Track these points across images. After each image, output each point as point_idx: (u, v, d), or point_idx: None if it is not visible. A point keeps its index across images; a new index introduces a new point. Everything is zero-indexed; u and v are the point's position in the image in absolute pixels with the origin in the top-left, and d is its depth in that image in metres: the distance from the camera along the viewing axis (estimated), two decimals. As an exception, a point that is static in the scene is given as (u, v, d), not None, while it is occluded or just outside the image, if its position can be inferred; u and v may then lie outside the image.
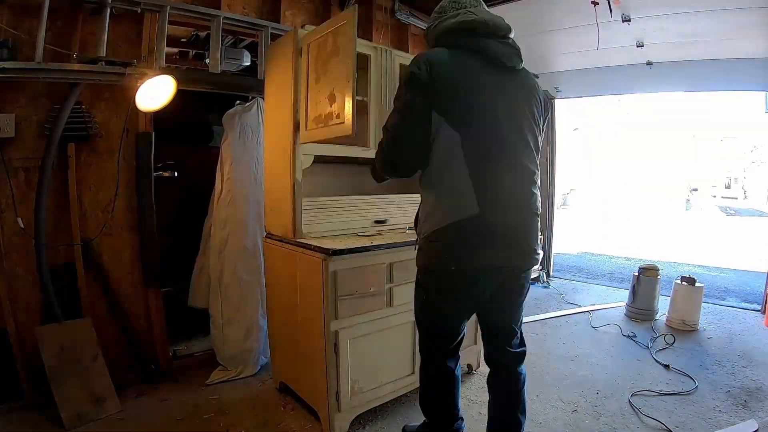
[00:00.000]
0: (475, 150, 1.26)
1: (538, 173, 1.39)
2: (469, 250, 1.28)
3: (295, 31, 1.94)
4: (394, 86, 2.27)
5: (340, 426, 1.85)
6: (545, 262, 4.88)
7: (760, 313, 3.76)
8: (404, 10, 3.22)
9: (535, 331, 3.30)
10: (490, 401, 1.58)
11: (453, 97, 1.27)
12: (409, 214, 2.49)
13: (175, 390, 2.23)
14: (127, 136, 2.20)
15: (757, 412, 2.12)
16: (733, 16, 2.76)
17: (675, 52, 3.48)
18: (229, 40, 2.71)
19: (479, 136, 1.27)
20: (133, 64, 2.07)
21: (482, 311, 1.52)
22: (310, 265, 1.84)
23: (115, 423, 1.94)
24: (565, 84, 4.54)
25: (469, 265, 1.30)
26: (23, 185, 1.98)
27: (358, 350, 1.87)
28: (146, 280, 2.31)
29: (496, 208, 1.28)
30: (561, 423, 2.02)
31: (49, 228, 2.02)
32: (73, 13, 2.03)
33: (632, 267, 4.94)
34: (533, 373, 2.56)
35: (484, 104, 1.29)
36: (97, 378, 2.01)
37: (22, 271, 1.99)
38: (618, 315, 3.68)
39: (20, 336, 1.96)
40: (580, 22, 3.04)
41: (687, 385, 2.38)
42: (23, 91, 1.95)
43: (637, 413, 2.09)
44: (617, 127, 23.16)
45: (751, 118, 22.33)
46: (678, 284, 3.45)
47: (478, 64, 1.31)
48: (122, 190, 2.22)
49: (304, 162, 1.97)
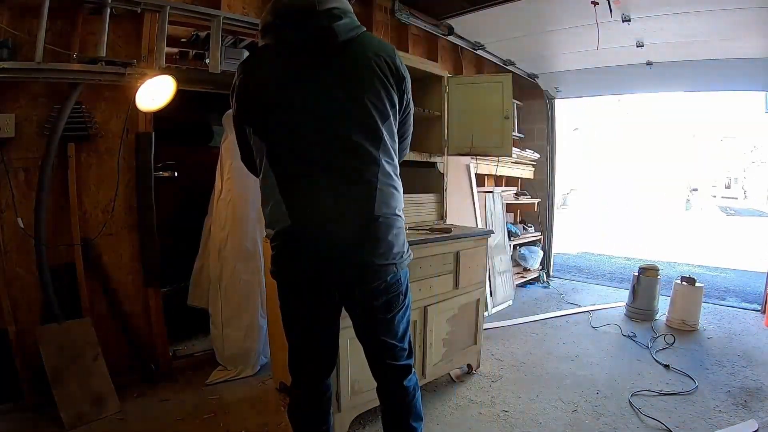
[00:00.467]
0: (278, 160, 1.16)
1: (383, 163, 1.19)
2: (286, 261, 1.21)
3: (295, 31, 1.93)
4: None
5: (340, 426, 1.85)
6: (545, 262, 4.88)
7: (760, 313, 3.76)
8: (404, 10, 3.21)
9: (535, 331, 3.30)
10: (381, 410, 1.45)
11: (253, 105, 1.18)
12: (409, 214, 2.49)
13: (175, 390, 2.23)
14: (127, 136, 2.20)
15: (757, 412, 2.12)
16: (733, 16, 2.75)
17: (675, 52, 3.47)
18: (229, 40, 2.71)
19: (280, 144, 1.16)
20: (133, 64, 2.07)
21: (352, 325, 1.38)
22: (310, 265, 1.84)
23: (115, 423, 1.94)
24: (565, 84, 4.54)
25: (285, 277, 1.25)
26: (23, 185, 1.98)
27: (358, 350, 1.86)
28: (146, 279, 2.31)
29: (307, 220, 1.16)
30: (561, 423, 2.02)
31: (49, 228, 2.02)
32: (73, 13, 2.03)
33: (632, 267, 4.94)
34: (533, 372, 2.56)
35: (283, 107, 1.15)
36: (97, 378, 2.01)
37: (22, 271, 1.99)
38: (618, 315, 3.68)
39: (20, 336, 1.96)
40: (580, 22, 3.03)
41: (687, 385, 2.38)
42: (23, 91, 1.95)
43: (637, 413, 2.09)
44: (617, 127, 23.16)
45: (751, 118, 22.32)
46: (678, 284, 3.45)
47: (280, 61, 1.16)
48: (122, 190, 2.22)
49: (304, 162, 1.96)
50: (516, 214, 5.06)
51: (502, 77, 2.64)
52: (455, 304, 2.31)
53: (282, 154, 1.17)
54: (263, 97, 1.17)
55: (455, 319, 2.32)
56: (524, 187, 4.99)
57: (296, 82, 1.15)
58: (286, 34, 1.13)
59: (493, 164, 4.00)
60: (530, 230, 4.80)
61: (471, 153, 2.75)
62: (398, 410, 1.37)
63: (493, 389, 2.35)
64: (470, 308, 2.42)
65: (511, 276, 4.11)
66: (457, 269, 2.28)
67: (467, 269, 2.33)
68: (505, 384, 2.42)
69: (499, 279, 3.87)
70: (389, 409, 1.40)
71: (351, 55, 1.16)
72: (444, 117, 2.65)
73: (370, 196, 1.17)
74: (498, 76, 2.69)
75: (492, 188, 4.25)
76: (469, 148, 2.67)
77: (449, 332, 2.29)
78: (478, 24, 3.32)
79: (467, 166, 3.77)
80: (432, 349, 2.19)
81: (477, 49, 3.77)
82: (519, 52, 3.94)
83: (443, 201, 2.68)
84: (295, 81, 1.15)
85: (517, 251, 4.55)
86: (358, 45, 1.17)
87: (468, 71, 4.19)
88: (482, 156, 3.38)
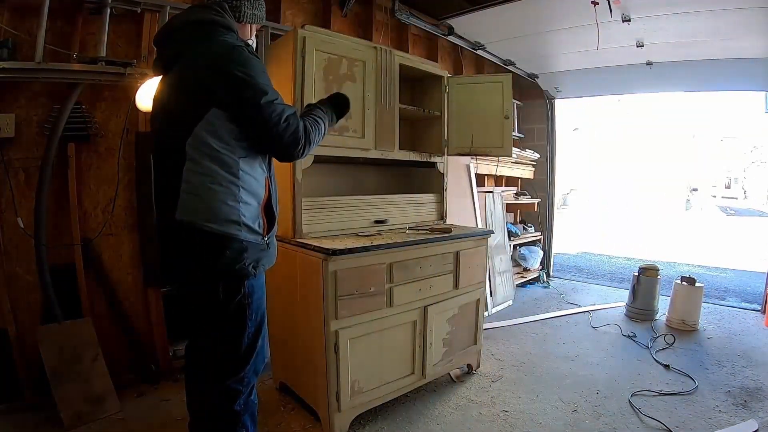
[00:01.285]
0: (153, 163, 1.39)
1: (192, 178, 1.22)
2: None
3: (295, 31, 1.94)
4: (394, 86, 2.28)
5: (340, 426, 1.85)
6: (545, 262, 4.88)
7: (760, 313, 3.76)
8: (404, 10, 3.22)
9: (535, 331, 3.30)
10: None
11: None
12: (409, 214, 2.50)
13: (175, 390, 2.22)
14: (127, 136, 2.20)
15: (757, 412, 2.12)
16: (733, 16, 2.75)
17: (675, 52, 3.47)
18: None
19: (153, 149, 1.38)
20: (133, 64, 2.07)
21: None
22: (310, 265, 1.84)
23: (115, 423, 1.93)
24: (565, 84, 4.54)
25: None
26: (23, 185, 1.98)
27: (358, 350, 1.87)
28: (146, 280, 2.31)
29: (157, 217, 1.37)
30: (561, 423, 2.02)
31: (49, 228, 2.02)
32: (73, 13, 2.03)
33: (632, 267, 4.94)
34: (533, 372, 2.56)
35: (153, 115, 1.38)
36: (97, 378, 2.01)
37: (22, 271, 1.99)
38: (618, 315, 3.68)
39: (20, 336, 1.96)
40: (580, 22, 3.04)
41: (687, 385, 2.38)
42: (23, 91, 1.95)
43: (637, 413, 2.09)
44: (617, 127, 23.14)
45: (751, 118, 22.33)
46: (678, 284, 3.45)
47: (163, 74, 1.36)
48: (122, 190, 2.22)
49: (304, 162, 1.97)
50: (516, 214, 5.06)
51: (502, 77, 2.64)
52: (455, 304, 2.31)
53: (153, 159, 1.42)
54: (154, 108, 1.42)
55: (455, 319, 2.32)
56: (524, 187, 4.99)
57: (161, 95, 1.38)
58: (157, 54, 1.38)
59: (493, 164, 4.00)
60: (530, 230, 4.80)
61: (471, 153, 2.75)
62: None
63: (493, 389, 2.35)
64: (470, 308, 2.42)
65: (511, 276, 4.11)
66: (457, 269, 2.28)
67: (467, 269, 2.33)
68: (505, 384, 2.42)
69: (499, 279, 3.87)
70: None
71: (192, 61, 1.31)
72: (444, 117, 2.66)
73: (181, 203, 1.32)
74: (498, 76, 2.69)
75: (492, 188, 4.25)
76: (469, 148, 2.67)
77: (449, 332, 2.29)
78: (478, 24, 3.32)
79: (467, 166, 3.78)
80: (432, 349, 2.19)
81: (477, 49, 3.77)
82: (519, 52, 3.94)
83: (443, 201, 2.68)
84: (161, 94, 1.38)
85: (517, 251, 4.55)
86: (200, 50, 1.31)
87: (468, 71, 4.19)
88: (482, 156, 3.38)
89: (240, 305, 1.30)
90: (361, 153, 2.20)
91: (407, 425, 1.99)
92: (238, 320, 1.31)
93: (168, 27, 1.35)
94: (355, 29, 3.14)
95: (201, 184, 1.21)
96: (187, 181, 1.22)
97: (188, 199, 1.22)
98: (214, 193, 1.21)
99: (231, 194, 1.23)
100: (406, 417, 2.05)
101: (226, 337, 1.31)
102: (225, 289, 1.27)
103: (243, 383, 1.35)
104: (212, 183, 1.21)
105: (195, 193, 1.22)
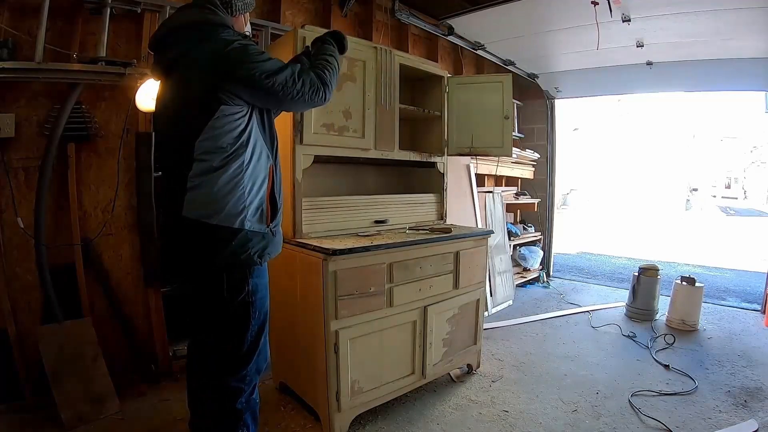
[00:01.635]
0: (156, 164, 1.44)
1: (200, 176, 1.23)
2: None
3: (295, 31, 1.94)
4: (394, 86, 2.28)
5: (340, 426, 1.85)
6: (545, 262, 4.88)
7: (760, 313, 3.76)
8: (404, 10, 3.22)
9: (535, 331, 3.30)
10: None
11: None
12: (409, 214, 2.50)
13: (175, 390, 2.22)
14: (127, 136, 2.20)
15: (757, 412, 2.12)
16: (733, 16, 2.75)
17: (675, 52, 3.47)
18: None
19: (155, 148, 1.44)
20: (133, 64, 2.07)
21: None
22: (310, 265, 1.84)
23: (115, 423, 1.93)
24: (565, 84, 4.54)
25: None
26: (23, 185, 1.98)
27: (358, 350, 1.87)
28: (146, 280, 2.30)
29: (161, 216, 1.45)
30: (561, 423, 2.02)
31: (49, 228, 2.02)
32: (73, 13, 2.03)
33: (632, 267, 4.94)
34: (533, 372, 2.56)
35: (156, 117, 1.41)
36: (97, 378, 2.01)
37: (22, 271, 1.99)
38: (618, 315, 3.68)
39: (20, 336, 1.96)
40: (580, 22, 3.04)
41: (687, 385, 2.38)
42: (23, 91, 1.95)
43: (637, 413, 2.09)
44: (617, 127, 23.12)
45: (751, 118, 22.30)
46: (678, 284, 3.45)
47: (163, 78, 1.37)
48: (122, 190, 2.22)
49: (304, 162, 1.97)
50: (516, 214, 5.06)
51: (502, 77, 2.64)
52: (455, 304, 2.31)
53: (157, 159, 1.52)
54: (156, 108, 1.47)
55: (455, 319, 2.32)
56: (524, 187, 4.99)
57: (163, 96, 1.41)
58: (156, 57, 1.39)
59: (493, 164, 4.00)
60: (530, 230, 4.80)
61: (471, 153, 2.75)
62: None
63: (493, 389, 2.35)
64: (470, 308, 2.42)
65: (511, 276, 4.11)
66: (457, 269, 2.28)
67: (467, 269, 2.33)
68: (505, 384, 2.42)
69: (499, 279, 3.87)
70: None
71: (191, 64, 1.33)
72: (444, 117, 2.65)
73: (186, 202, 1.33)
74: (498, 76, 2.69)
75: (492, 188, 4.25)
76: (469, 148, 2.67)
77: (449, 332, 2.29)
78: (478, 24, 3.32)
79: (467, 166, 3.77)
80: (432, 349, 2.19)
81: (477, 49, 3.77)
82: (519, 52, 3.94)
83: (443, 201, 2.68)
84: (163, 95, 1.41)
85: (517, 251, 4.55)
86: (198, 51, 1.32)
87: (468, 71, 4.19)
88: (482, 156, 3.38)
89: (243, 303, 1.31)
90: (361, 153, 2.20)
91: (407, 425, 1.99)
92: (241, 318, 1.32)
93: (163, 30, 1.34)
94: (355, 29, 3.15)
95: (208, 182, 1.23)
96: (193, 180, 1.23)
97: (195, 197, 1.24)
98: (220, 189, 1.24)
99: (237, 188, 1.26)
100: (406, 417, 2.05)
101: (229, 335, 1.32)
102: (229, 285, 1.28)
103: (245, 381, 1.36)
104: (219, 180, 1.24)
105: (202, 190, 1.24)
